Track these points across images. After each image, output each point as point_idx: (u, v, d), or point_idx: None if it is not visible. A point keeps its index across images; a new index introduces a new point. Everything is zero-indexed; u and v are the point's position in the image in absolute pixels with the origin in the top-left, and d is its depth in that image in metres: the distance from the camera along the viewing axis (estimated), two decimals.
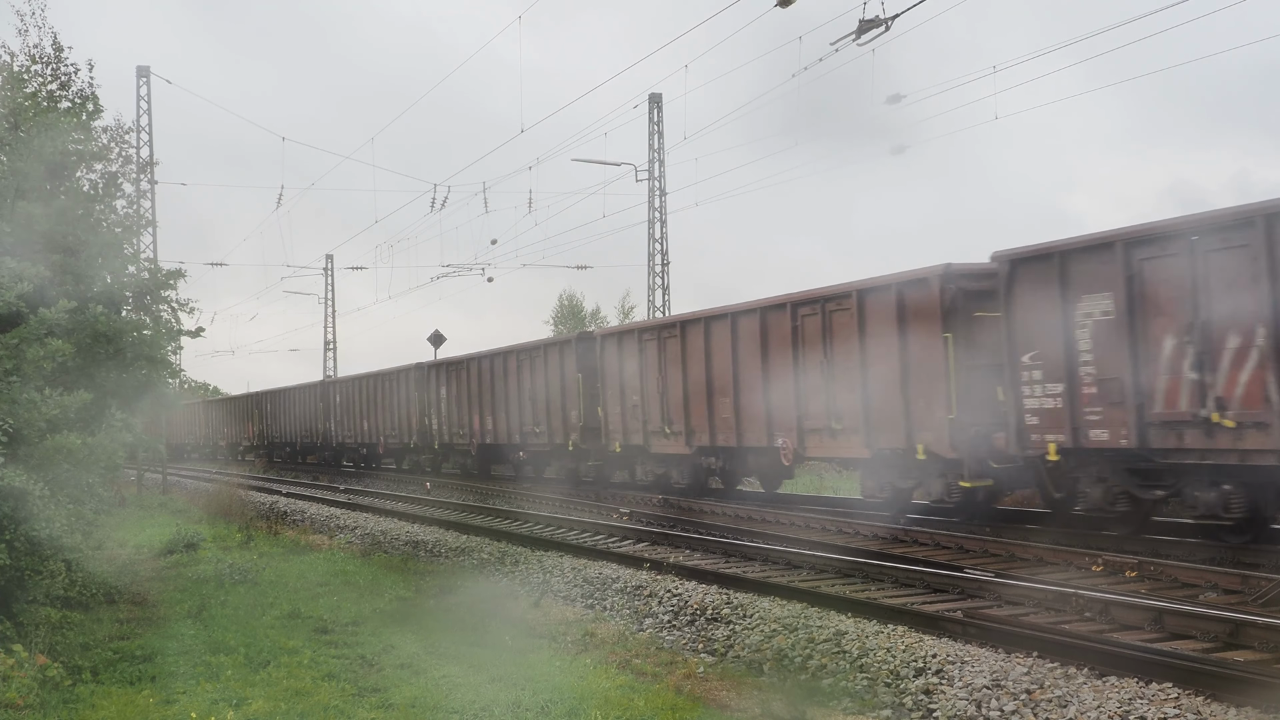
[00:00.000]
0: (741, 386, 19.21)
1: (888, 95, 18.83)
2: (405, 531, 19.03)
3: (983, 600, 10.41)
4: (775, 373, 18.32)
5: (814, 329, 17.44)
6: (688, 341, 20.59)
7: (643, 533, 16.42)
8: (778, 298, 18.37)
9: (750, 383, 18.99)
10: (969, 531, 14.58)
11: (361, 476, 35.87)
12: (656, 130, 35.84)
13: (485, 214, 49.07)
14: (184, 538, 17.34)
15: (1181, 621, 8.80)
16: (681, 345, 20.72)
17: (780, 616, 10.09)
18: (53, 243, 10.62)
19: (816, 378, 17.40)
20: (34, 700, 7.96)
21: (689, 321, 20.75)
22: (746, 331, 19.02)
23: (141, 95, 34.36)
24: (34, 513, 8.74)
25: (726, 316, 19.54)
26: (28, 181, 10.58)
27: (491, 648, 10.11)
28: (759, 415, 18.73)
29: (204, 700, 8.11)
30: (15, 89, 11.42)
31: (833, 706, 8.23)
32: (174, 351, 12.85)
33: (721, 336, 19.66)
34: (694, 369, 20.39)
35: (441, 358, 33.31)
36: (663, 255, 36.23)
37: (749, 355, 19.02)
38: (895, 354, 15.68)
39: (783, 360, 18.11)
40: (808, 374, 17.60)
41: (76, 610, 11.71)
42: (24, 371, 9.52)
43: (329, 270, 54.19)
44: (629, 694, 8.34)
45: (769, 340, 18.49)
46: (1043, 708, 7.28)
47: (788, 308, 17.90)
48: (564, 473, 26.18)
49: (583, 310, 57.20)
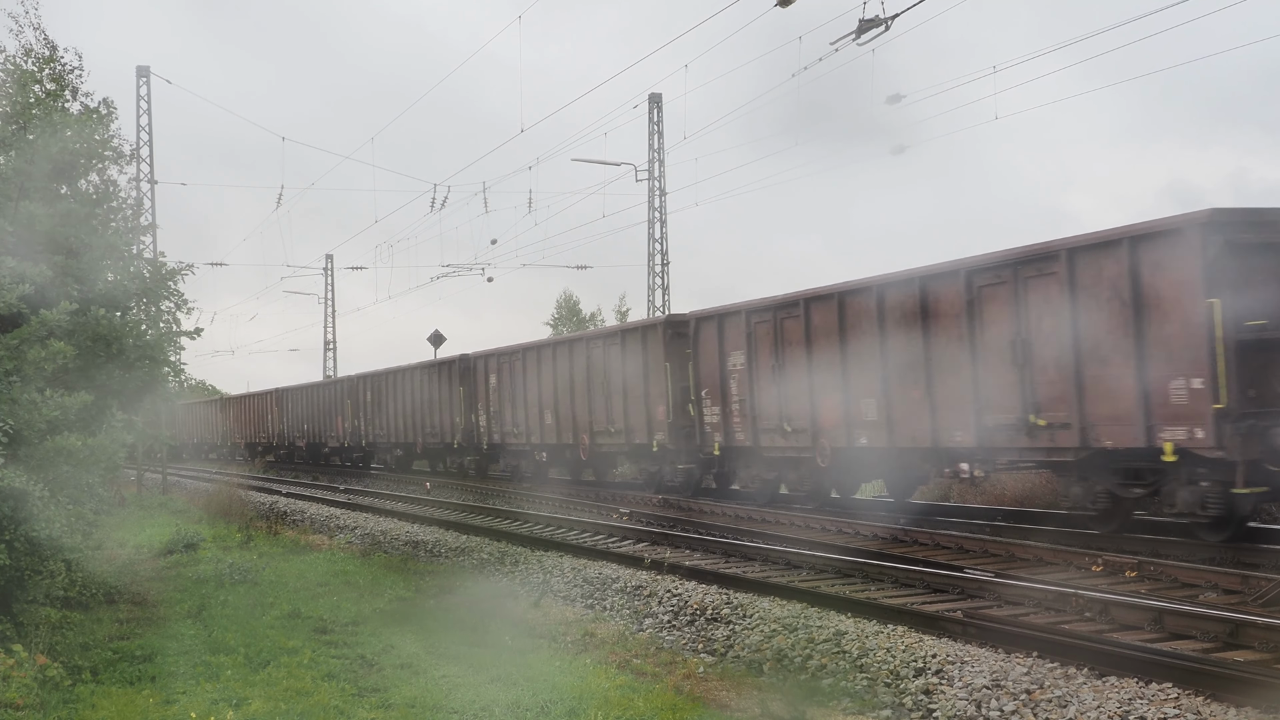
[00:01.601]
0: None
1: (887, 95, 18.85)
2: (405, 531, 19.03)
3: (983, 600, 10.41)
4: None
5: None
6: (813, 321, 17.34)
7: (643, 533, 16.43)
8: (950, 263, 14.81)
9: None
10: (969, 531, 14.58)
11: (362, 477, 35.85)
12: (656, 130, 35.85)
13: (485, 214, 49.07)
14: (184, 538, 17.35)
15: (1181, 621, 8.80)
16: (805, 326, 17.45)
17: (780, 616, 10.09)
18: (55, 244, 10.62)
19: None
20: (34, 700, 7.96)
21: (815, 299, 17.34)
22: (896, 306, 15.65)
23: (141, 95, 34.39)
24: (34, 513, 8.74)
25: (871, 289, 16.07)
26: (31, 182, 10.59)
27: (491, 648, 10.11)
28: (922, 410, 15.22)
29: (204, 700, 8.12)
30: (21, 89, 11.42)
31: (833, 706, 8.24)
32: (175, 351, 12.83)
33: (860, 312, 16.36)
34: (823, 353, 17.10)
35: (492, 348, 29.55)
36: (663, 255, 36.26)
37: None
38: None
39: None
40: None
41: (76, 610, 11.71)
42: (25, 372, 9.53)
43: (329, 270, 54.25)
44: (629, 694, 8.34)
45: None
46: (1043, 708, 7.29)
47: (963, 275, 14.40)
48: (644, 477, 23.49)
49: (581, 312, 57.19)
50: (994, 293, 14.01)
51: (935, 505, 18.06)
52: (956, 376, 14.59)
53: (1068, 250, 12.97)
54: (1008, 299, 13.78)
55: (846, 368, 16.56)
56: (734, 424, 19.44)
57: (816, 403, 17.27)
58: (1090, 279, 12.77)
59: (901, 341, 15.44)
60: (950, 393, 14.72)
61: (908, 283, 15.36)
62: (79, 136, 11.55)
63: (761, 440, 18.76)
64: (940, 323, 14.88)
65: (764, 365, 18.50)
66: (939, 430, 14.91)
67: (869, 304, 16.09)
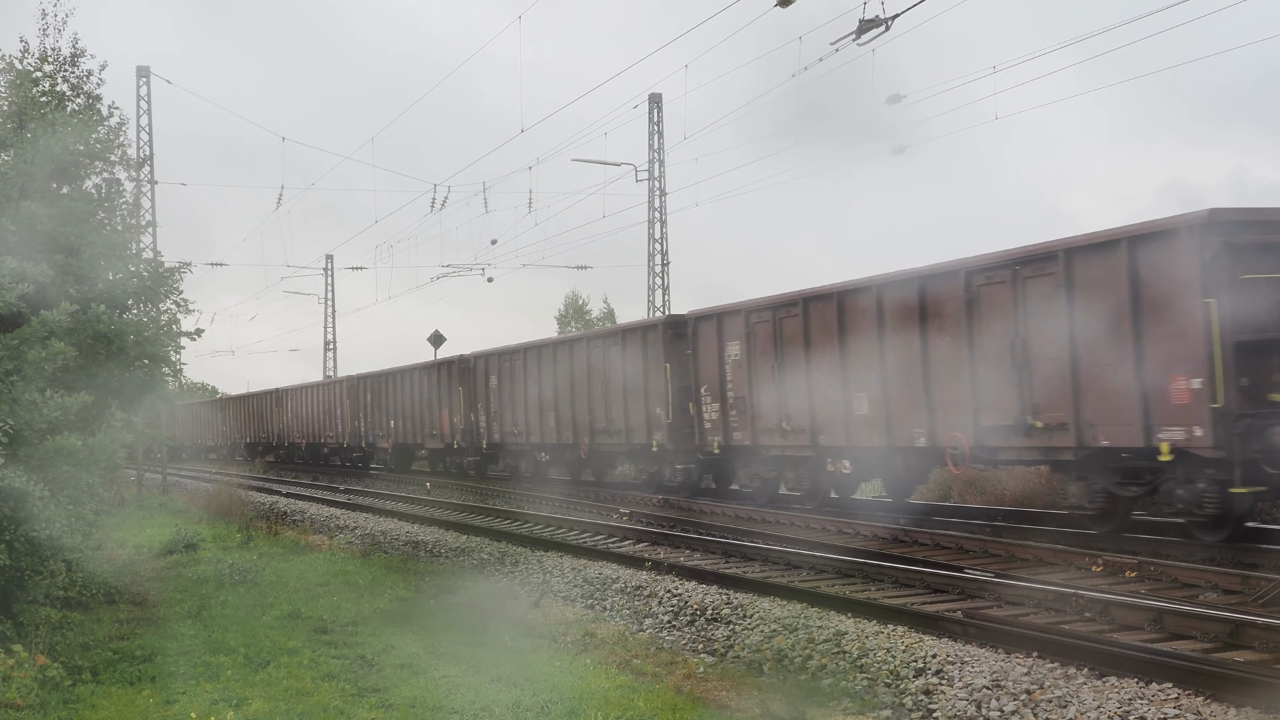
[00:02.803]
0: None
1: (888, 95, 18.83)
2: (405, 532, 19.04)
3: (983, 600, 10.41)
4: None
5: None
6: (811, 320, 17.34)
7: (643, 533, 16.43)
8: (946, 264, 14.80)
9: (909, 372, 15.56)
10: (968, 531, 14.58)
11: (362, 477, 35.85)
12: (656, 130, 35.85)
13: (485, 214, 49.11)
14: (184, 538, 17.35)
15: (1181, 622, 8.81)
16: (804, 325, 17.43)
17: (780, 617, 10.09)
18: (55, 243, 10.62)
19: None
20: (34, 700, 7.96)
21: (814, 298, 17.34)
22: (895, 305, 15.64)
23: (141, 95, 34.40)
24: (34, 513, 8.75)
25: (871, 289, 16.07)
26: (32, 181, 10.58)
27: (491, 648, 10.11)
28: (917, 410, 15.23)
29: (204, 700, 8.12)
30: (22, 88, 11.41)
31: (833, 707, 8.24)
32: (175, 351, 12.83)
33: (859, 312, 16.35)
34: (821, 352, 17.05)
35: (492, 347, 29.31)
36: (663, 255, 36.26)
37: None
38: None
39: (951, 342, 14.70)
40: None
41: (76, 610, 11.71)
42: (25, 372, 9.53)
43: (329, 270, 54.25)
44: (629, 694, 8.34)
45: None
46: (1043, 708, 7.29)
47: (962, 275, 14.41)
48: (644, 477, 23.39)
49: (588, 311, 57.24)
50: (992, 292, 14.07)
51: (935, 505, 18.07)
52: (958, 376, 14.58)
53: (1065, 251, 13.01)
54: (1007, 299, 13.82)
55: (846, 366, 16.57)
56: (733, 423, 19.42)
57: (816, 402, 17.25)
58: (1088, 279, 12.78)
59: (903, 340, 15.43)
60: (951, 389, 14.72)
61: (907, 283, 15.41)
62: (79, 136, 11.55)
63: (761, 439, 18.75)
64: (939, 323, 14.94)
65: (763, 364, 18.48)
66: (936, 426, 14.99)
67: (868, 304, 16.13)
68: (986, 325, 14.13)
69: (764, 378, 18.43)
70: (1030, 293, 13.49)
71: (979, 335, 14.24)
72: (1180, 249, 11.71)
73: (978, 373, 14.27)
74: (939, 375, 14.94)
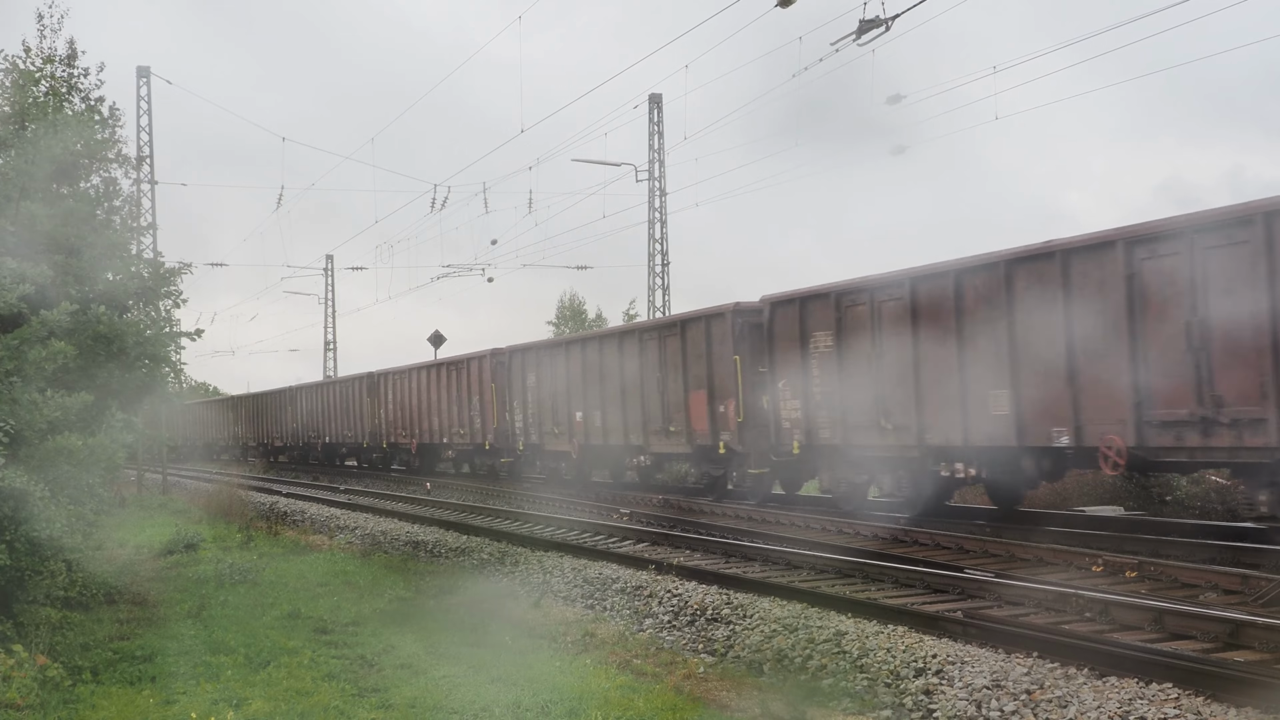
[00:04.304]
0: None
1: (888, 95, 18.86)
2: (405, 532, 19.04)
3: (983, 600, 10.41)
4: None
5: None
6: (919, 304, 15.39)
7: (643, 533, 16.43)
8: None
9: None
10: (969, 531, 14.57)
11: (362, 477, 35.80)
12: (656, 130, 35.85)
13: (485, 214, 49.21)
14: (184, 538, 17.36)
15: (1181, 622, 8.80)
16: (911, 309, 15.48)
17: (780, 617, 10.09)
18: (55, 243, 10.63)
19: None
20: (34, 700, 7.97)
21: (923, 278, 15.39)
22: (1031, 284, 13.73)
23: (141, 95, 34.41)
24: (34, 513, 8.75)
25: (999, 266, 14.05)
26: (33, 182, 10.59)
27: (491, 648, 10.12)
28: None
29: (204, 700, 8.12)
30: (22, 88, 11.42)
31: (833, 707, 8.24)
32: (175, 350, 12.85)
33: (979, 296, 14.44)
34: (933, 341, 15.20)
35: (528, 342, 27.83)
36: (663, 255, 36.26)
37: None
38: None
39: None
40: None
41: (76, 610, 11.72)
42: (25, 372, 9.53)
43: (329, 270, 54.27)
44: (629, 694, 8.34)
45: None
46: (1043, 708, 7.29)
47: (1120, 246, 12.51)
48: (708, 481, 21.30)
49: (585, 313, 57.22)
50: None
51: (934, 505, 18.03)
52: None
53: (1062, 251, 12.88)
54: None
55: (965, 356, 14.58)
56: (819, 420, 17.34)
57: (924, 397, 15.29)
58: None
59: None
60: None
61: (1047, 258, 13.37)
62: (79, 136, 11.56)
63: (853, 438, 16.67)
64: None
65: (858, 354, 16.40)
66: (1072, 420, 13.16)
67: (994, 284, 13.97)
68: (1154, 303, 12.26)
69: (859, 369, 16.40)
70: (1211, 265, 11.58)
71: (1144, 316, 12.32)
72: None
73: (1143, 359, 12.33)
74: (1086, 364, 13.01)
